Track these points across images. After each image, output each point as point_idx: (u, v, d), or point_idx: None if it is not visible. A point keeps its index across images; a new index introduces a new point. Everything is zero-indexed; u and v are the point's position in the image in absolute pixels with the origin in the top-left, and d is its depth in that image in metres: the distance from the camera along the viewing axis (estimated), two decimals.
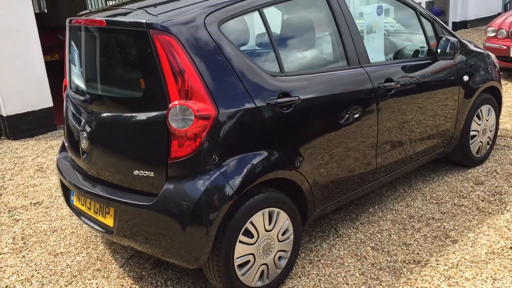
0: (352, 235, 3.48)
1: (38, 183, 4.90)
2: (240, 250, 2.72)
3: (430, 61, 3.77)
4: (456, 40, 3.73)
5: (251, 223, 2.74)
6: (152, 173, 2.65)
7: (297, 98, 2.85)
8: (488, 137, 4.46)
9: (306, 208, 3.04)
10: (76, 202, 3.20)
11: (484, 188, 4.00)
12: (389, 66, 3.48)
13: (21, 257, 3.56)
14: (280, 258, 2.95)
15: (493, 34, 7.43)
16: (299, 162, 2.89)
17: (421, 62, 3.72)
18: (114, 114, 2.80)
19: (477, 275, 2.93)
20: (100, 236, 3.73)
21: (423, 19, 3.79)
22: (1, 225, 4.07)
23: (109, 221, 2.89)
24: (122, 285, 3.13)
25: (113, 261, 3.42)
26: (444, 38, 3.71)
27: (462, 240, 3.30)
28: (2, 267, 3.45)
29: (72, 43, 3.18)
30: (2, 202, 4.51)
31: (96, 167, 2.95)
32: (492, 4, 13.10)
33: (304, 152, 2.92)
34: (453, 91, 3.92)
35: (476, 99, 4.15)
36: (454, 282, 2.88)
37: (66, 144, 3.34)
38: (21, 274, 3.35)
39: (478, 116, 4.26)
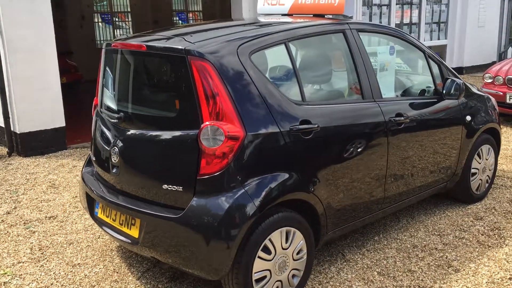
0: (358, 261, 3.65)
1: (52, 198, 5.05)
2: (259, 265, 2.88)
3: (436, 100, 4.03)
4: (462, 82, 4.00)
5: (270, 240, 2.91)
6: (181, 188, 2.83)
7: (316, 126, 3.07)
8: (487, 175, 4.70)
9: (319, 230, 3.22)
10: (100, 214, 3.36)
11: (484, 223, 4.20)
12: (399, 102, 3.73)
13: (40, 266, 3.68)
14: (293, 276, 3.11)
15: (490, 80, 7.77)
16: (315, 185, 3.08)
17: (428, 101, 3.98)
18: (146, 131, 3.01)
19: None
20: (121, 248, 3.87)
21: (430, 61, 4.07)
22: (18, 236, 4.20)
23: (134, 232, 3.05)
24: None
25: (130, 274, 3.55)
26: (450, 80, 3.98)
27: (464, 270, 3.48)
28: (22, 274, 3.57)
29: (108, 65, 3.40)
30: (17, 215, 4.64)
31: (124, 181, 3.13)
32: (487, 53, 13.59)
33: (320, 176, 3.12)
34: (456, 130, 4.17)
35: (477, 138, 4.39)
36: None
37: (93, 159, 3.53)
38: (41, 282, 3.47)
39: (478, 155, 4.50)
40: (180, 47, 2.84)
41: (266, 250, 2.91)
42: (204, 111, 2.76)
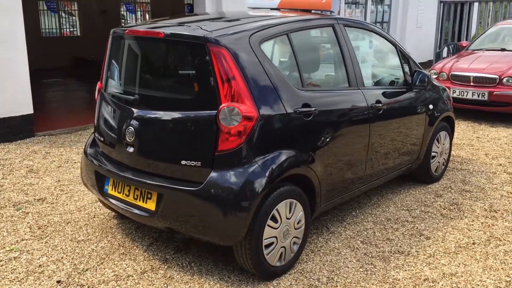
0: (342, 232, 4.08)
1: (34, 182, 5.13)
2: (268, 233, 3.23)
3: (405, 90, 4.53)
4: (429, 74, 4.53)
5: (277, 210, 3.26)
6: (200, 163, 3.12)
7: (315, 109, 3.45)
8: (444, 159, 5.28)
9: (315, 202, 3.61)
10: (111, 190, 3.57)
11: (444, 200, 4.76)
12: (377, 91, 4.19)
13: (44, 243, 3.83)
14: (294, 243, 3.48)
15: (435, 76, 8.49)
16: (313, 162, 3.46)
17: (399, 90, 4.47)
18: (164, 112, 3.26)
19: (451, 262, 3.60)
20: (120, 225, 4.08)
21: (401, 55, 4.56)
22: (12, 216, 4.30)
23: (150, 205, 3.30)
24: (151, 266, 3.52)
25: (135, 247, 3.78)
26: (419, 71, 4.49)
27: (434, 237, 3.99)
28: (29, 250, 3.72)
29: (118, 51, 3.61)
30: (4, 198, 4.70)
31: (141, 158, 3.37)
32: (424, 52, 14.58)
33: (317, 154, 3.50)
34: (421, 117, 4.70)
35: (437, 125, 4.95)
36: (433, 267, 3.54)
37: (100, 139, 3.71)
38: (50, 256, 3.64)
39: (437, 140, 5.06)
40: (199, 34, 3.12)
41: (274, 219, 3.25)
42: (222, 93, 3.06)
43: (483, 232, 4.09)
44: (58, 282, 3.32)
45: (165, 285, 3.30)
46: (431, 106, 4.81)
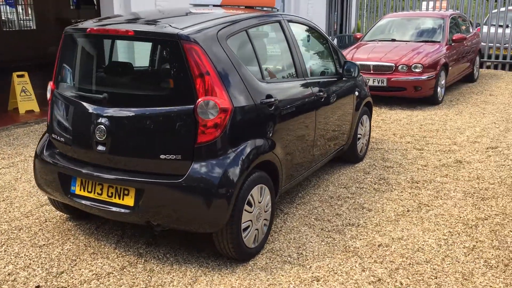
0: (295, 212, 4.41)
1: None
2: (244, 217, 3.45)
3: (336, 78, 4.97)
4: (358, 63, 5.00)
5: (251, 195, 3.49)
6: (180, 156, 3.24)
7: (275, 99, 3.73)
8: (366, 140, 5.85)
9: (278, 186, 3.89)
10: (79, 191, 3.54)
11: (372, 176, 5.30)
12: (318, 80, 4.56)
13: (4, 251, 3.69)
14: (264, 225, 3.73)
15: None
16: (276, 148, 3.73)
17: (332, 79, 4.89)
18: (138, 109, 3.31)
19: (395, 228, 4.10)
20: (79, 226, 4.02)
21: (331, 47, 4.99)
22: None
23: (128, 201, 3.35)
24: (128, 261, 3.56)
25: (103, 246, 3.78)
26: (349, 62, 4.95)
27: (374, 209, 4.48)
28: None
29: (76, 49, 3.57)
30: None
31: (114, 156, 3.39)
32: None
33: (278, 140, 3.77)
34: (351, 102, 5.18)
35: (361, 109, 5.48)
36: (382, 234, 4.01)
37: (60, 140, 3.64)
38: (17, 264, 3.52)
39: (361, 123, 5.60)
40: (172, 32, 3.23)
41: (249, 204, 3.48)
42: (198, 87, 3.21)
43: (413, 200, 4.67)
44: (37, 287, 3.25)
45: (149, 277, 3.38)
46: (356, 93, 5.31)
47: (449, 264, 3.55)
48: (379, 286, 3.29)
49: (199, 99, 3.20)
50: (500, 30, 12.52)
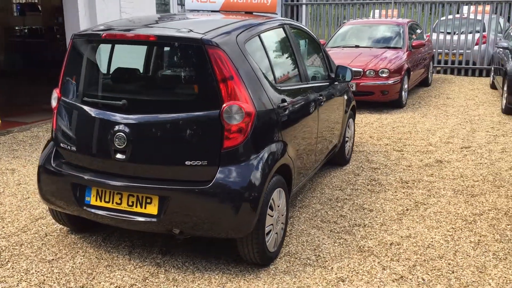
0: (300, 216, 4.45)
1: None
2: (268, 221, 3.45)
3: (329, 83, 5.06)
4: (351, 68, 5.12)
5: (272, 199, 3.49)
6: (206, 162, 3.20)
7: (288, 103, 3.76)
8: (352, 142, 5.99)
9: (291, 188, 3.91)
10: (95, 201, 3.41)
11: (363, 177, 5.43)
12: (317, 84, 4.64)
13: (11, 269, 3.49)
14: (281, 229, 3.74)
15: None
16: (289, 150, 3.76)
17: (326, 84, 4.98)
18: (162, 115, 3.24)
19: (400, 227, 4.22)
20: (84, 239, 3.87)
21: (323, 53, 5.08)
22: None
23: (151, 210, 3.27)
24: (148, 272, 3.46)
25: (116, 258, 3.66)
26: (342, 66, 5.05)
27: (375, 209, 4.59)
28: None
29: (88, 56, 3.45)
30: None
31: (135, 164, 3.29)
32: None
33: (290, 143, 3.80)
34: (342, 106, 5.30)
35: (348, 112, 5.61)
36: (390, 233, 4.11)
37: (71, 149, 3.49)
38: (30, 281, 3.34)
39: (348, 126, 5.73)
40: (196, 37, 3.19)
41: (270, 208, 3.48)
42: (223, 92, 3.19)
43: (409, 199, 4.83)
44: None
45: (174, 287, 3.30)
46: (345, 97, 5.43)
47: (461, 258, 3.70)
48: (403, 283, 3.38)
49: (225, 104, 3.17)
50: (448, 37, 13.17)
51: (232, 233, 3.28)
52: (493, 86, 10.95)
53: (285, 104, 3.70)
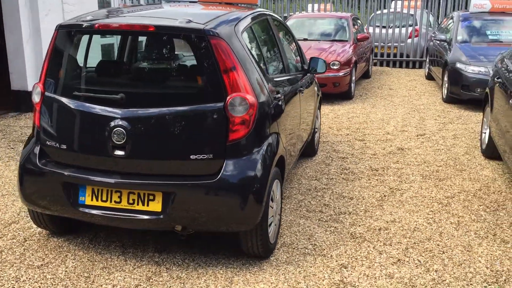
0: (285, 207, 4.46)
1: None
2: (270, 213, 3.44)
3: (303, 74, 5.11)
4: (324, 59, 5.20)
5: (272, 191, 3.49)
6: (211, 155, 3.13)
7: (280, 95, 3.76)
8: (318, 133, 6.09)
9: (283, 178, 3.92)
10: (91, 201, 3.24)
11: (334, 167, 5.55)
12: (297, 75, 4.67)
13: None
14: (278, 220, 3.75)
15: None
16: (283, 141, 3.77)
17: (300, 74, 5.02)
18: (163, 108, 3.12)
19: (383, 213, 4.36)
20: (70, 242, 3.67)
21: (297, 44, 5.12)
22: None
23: (154, 207, 3.16)
24: (150, 271, 3.35)
25: (110, 259, 3.51)
26: (315, 58, 5.11)
27: (355, 197, 4.71)
28: None
29: (77, 47, 3.26)
30: None
31: (135, 160, 3.16)
32: None
33: (283, 134, 3.81)
34: (313, 96, 5.37)
35: (317, 103, 5.70)
36: (375, 219, 4.23)
37: (61, 147, 3.29)
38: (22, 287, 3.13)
39: (317, 117, 5.82)
40: (198, 27, 3.11)
41: (271, 199, 3.48)
42: (227, 84, 3.13)
43: (383, 187, 4.99)
44: None
45: (181, 284, 3.22)
46: (316, 88, 5.51)
47: (447, 239, 3.88)
48: (401, 265, 3.50)
49: (229, 95, 3.12)
50: (384, 31, 13.69)
51: (239, 227, 3.24)
52: (428, 77, 11.54)
53: (279, 95, 3.70)
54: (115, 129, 3.14)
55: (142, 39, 3.47)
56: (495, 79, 5.50)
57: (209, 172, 3.15)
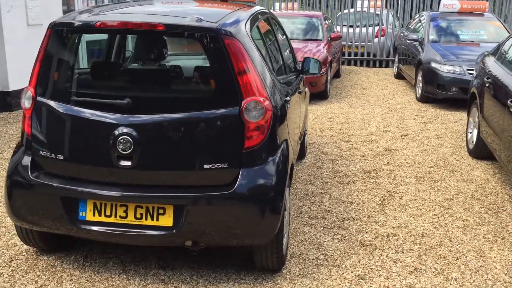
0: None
1: None
2: (284, 223, 3.24)
3: (295, 75, 4.93)
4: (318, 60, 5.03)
5: (285, 200, 3.28)
6: (226, 164, 2.90)
7: (289, 98, 3.57)
8: (307, 136, 5.93)
9: (290, 183, 3.73)
10: (93, 217, 2.94)
11: (327, 170, 5.40)
12: (294, 76, 4.48)
13: None
14: (288, 229, 3.55)
15: None
16: (291, 147, 3.58)
17: (295, 75, 4.84)
18: (173, 115, 2.86)
19: (387, 218, 4.23)
20: (62, 260, 3.34)
21: (290, 43, 4.94)
22: None
23: (165, 222, 2.90)
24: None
25: (111, 278, 3.21)
26: (309, 58, 4.93)
27: (355, 202, 4.57)
28: None
29: (79, 47, 2.96)
30: None
31: (143, 171, 2.89)
32: None
33: (291, 137, 3.61)
34: (305, 97, 5.20)
35: (306, 105, 5.54)
36: (381, 225, 4.10)
37: (58, 158, 2.97)
38: None
39: (305, 119, 5.66)
40: (211, 26, 2.86)
41: (285, 209, 3.27)
42: (242, 87, 2.90)
43: (380, 190, 4.88)
44: None
45: None
46: (306, 89, 5.35)
47: (458, 244, 3.79)
48: (419, 274, 3.37)
49: (244, 99, 2.89)
50: (351, 30, 13.72)
51: (256, 239, 3.02)
52: (398, 76, 11.61)
53: (288, 98, 3.50)
54: (120, 138, 2.85)
55: (142, 38, 3.18)
56: (485, 79, 5.49)
57: (224, 182, 2.92)
